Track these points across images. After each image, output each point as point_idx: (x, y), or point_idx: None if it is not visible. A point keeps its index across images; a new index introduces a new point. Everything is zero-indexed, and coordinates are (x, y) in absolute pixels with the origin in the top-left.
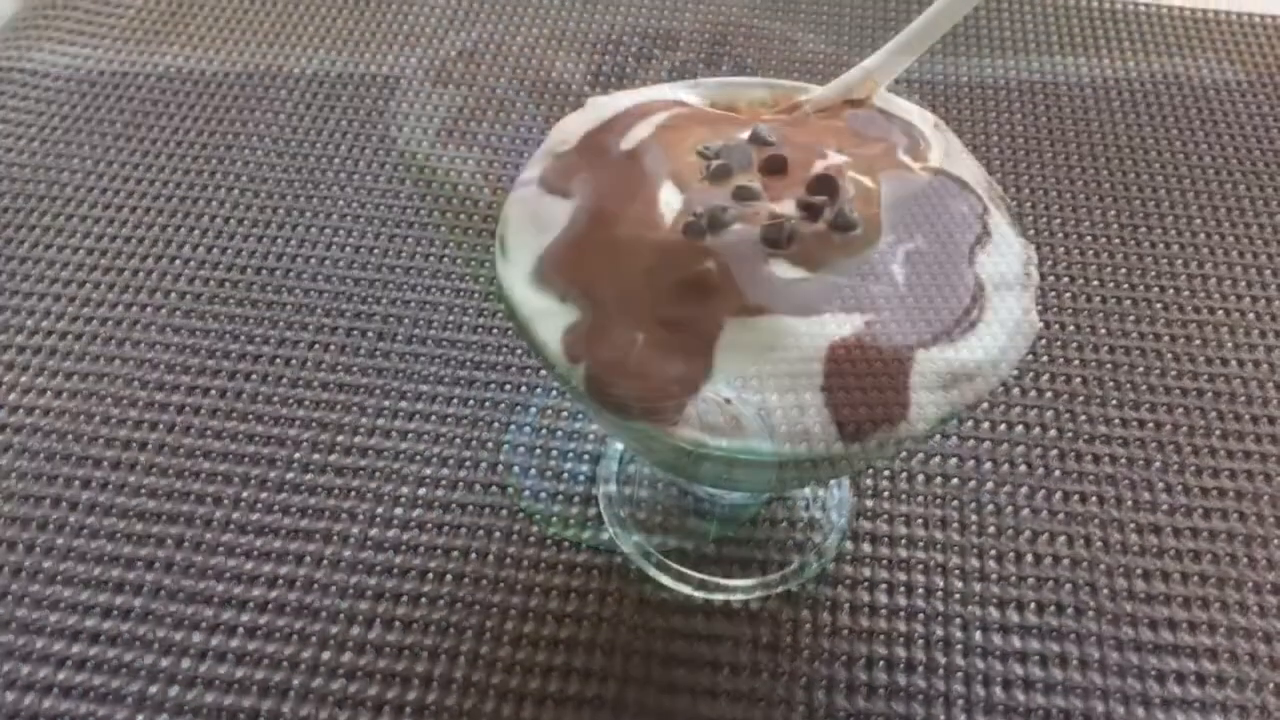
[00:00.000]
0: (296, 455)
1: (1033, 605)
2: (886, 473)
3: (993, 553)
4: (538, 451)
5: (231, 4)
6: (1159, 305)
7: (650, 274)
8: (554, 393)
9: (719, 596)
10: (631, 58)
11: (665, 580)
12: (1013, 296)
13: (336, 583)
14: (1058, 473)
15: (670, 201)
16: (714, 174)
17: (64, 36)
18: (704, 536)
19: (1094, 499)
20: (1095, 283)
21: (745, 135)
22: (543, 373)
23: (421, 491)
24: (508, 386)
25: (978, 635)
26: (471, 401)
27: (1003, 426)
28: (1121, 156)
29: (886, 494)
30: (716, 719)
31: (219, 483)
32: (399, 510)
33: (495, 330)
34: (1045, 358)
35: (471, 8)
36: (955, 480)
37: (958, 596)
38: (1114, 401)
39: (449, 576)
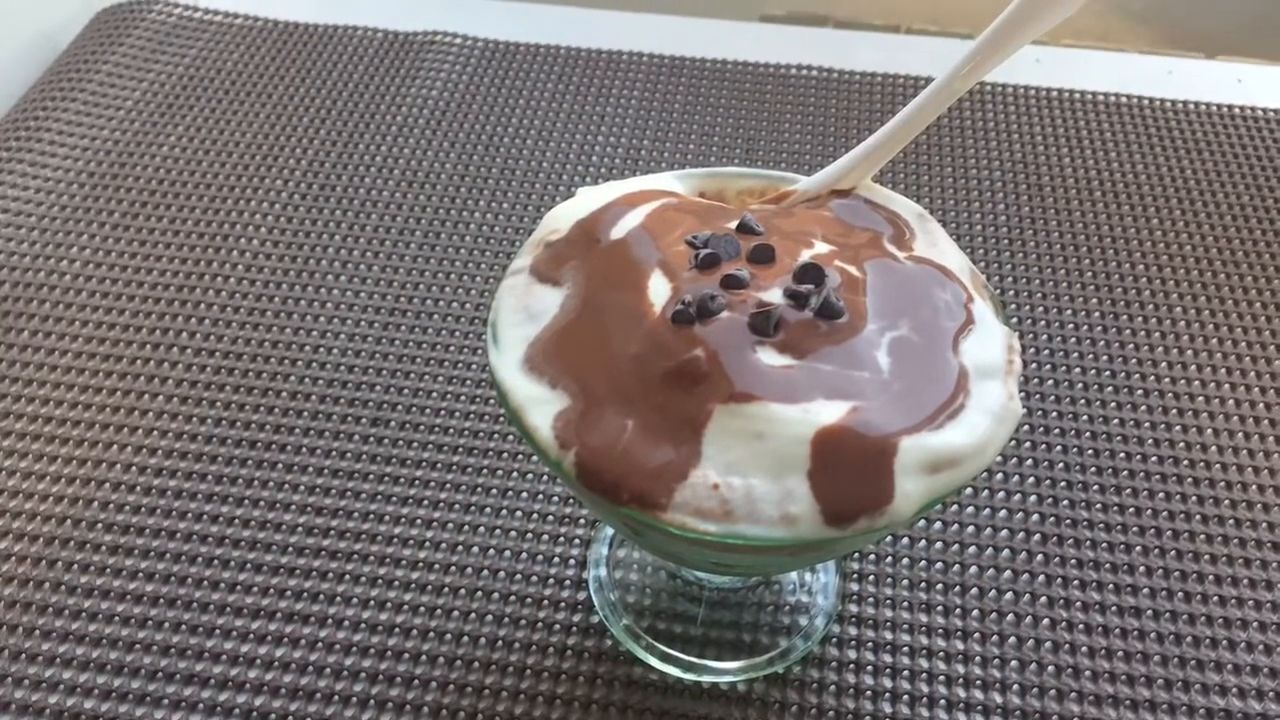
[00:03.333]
0: (291, 540)
1: (1015, 687)
2: (872, 557)
3: (976, 635)
4: (529, 535)
5: (227, 97)
6: (1140, 392)
7: (640, 361)
8: (545, 478)
9: (707, 679)
10: (621, 148)
11: (654, 662)
12: (996, 383)
13: (330, 664)
14: (1040, 556)
15: (659, 290)
16: (702, 263)
17: (63, 128)
18: (693, 620)
19: (1075, 583)
20: (1077, 370)
21: (733, 224)
22: (534, 458)
23: (414, 575)
24: (499, 472)
25: (961, 717)
26: (464, 487)
27: (986, 511)
28: (1103, 246)
29: (872, 577)
30: None
31: (215, 567)
32: (392, 594)
33: (487, 417)
34: (1028, 444)
35: (464, 99)
36: (940, 564)
37: (942, 679)
38: (1095, 487)
39: (441, 659)
